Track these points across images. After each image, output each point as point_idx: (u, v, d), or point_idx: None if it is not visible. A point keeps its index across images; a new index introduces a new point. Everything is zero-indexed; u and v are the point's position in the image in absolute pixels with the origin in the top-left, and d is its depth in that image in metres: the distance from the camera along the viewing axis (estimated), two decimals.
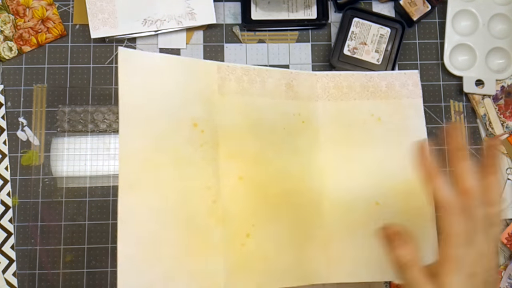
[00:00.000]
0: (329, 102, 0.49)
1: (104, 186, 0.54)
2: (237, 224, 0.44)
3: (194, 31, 0.57)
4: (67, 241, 0.53)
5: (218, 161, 0.44)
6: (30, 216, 0.53)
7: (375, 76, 0.50)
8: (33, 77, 0.55)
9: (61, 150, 0.54)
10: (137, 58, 0.43)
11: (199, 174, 0.43)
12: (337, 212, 0.47)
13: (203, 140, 0.44)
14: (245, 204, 0.44)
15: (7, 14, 0.56)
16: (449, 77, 0.57)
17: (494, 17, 0.57)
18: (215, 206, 0.43)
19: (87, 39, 0.56)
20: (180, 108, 0.43)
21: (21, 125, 0.54)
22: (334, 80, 0.50)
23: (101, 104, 0.55)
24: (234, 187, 0.44)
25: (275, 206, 0.46)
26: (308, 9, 0.57)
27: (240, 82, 0.46)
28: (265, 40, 0.57)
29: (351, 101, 0.49)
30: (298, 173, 0.47)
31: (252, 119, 0.46)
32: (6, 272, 0.52)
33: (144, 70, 0.43)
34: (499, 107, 0.56)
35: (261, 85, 0.47)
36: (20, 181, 0.53)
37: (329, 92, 0.49)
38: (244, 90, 0.46)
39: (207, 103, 0.45)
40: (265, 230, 0.44)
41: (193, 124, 0.43)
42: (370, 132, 0.48)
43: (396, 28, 0.55)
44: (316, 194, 0.47)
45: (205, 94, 0.45)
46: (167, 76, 0.43)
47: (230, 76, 0.46)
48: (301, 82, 0.48)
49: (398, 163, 0.48)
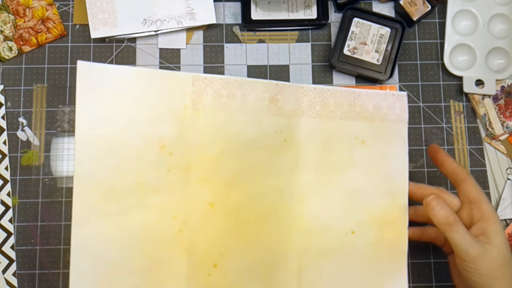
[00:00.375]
0: (313, 120, 0.45)
1: None
2: (204, 253, 0.41)
3: (194, 31, 0.57)
4: (67, 241, 0.53)
5: (188, 186, 0.41)
6: (30, 216, 0.53)
7: (363, 95, 0.46)
8: (33, 77, 0.55)
9: (61, 150, 0.54)
10: (99, 72, 0.39)
11: (164, 202, 0.40)
12: (311, 238, 0.44)
13: (171, 165, 0.40)
14: (214, 233, 0.42)
15: (7, 14, 0.56)
16: (449, 77, 0.57)
17: (494, 17, 0.57)
18: (180, 235, 0.41)
19: (87, 39, 0.56)
20: (146, 129, 0.40)
21: (21, 125, 0.54)
22: (322, 96, 0.45)
23: None
24: (203, 215, 0.42)
25: (247, 232, 0.43)
26: (308, 9, 0.57)
27: (218, 96, 0.42)
28: (265, 40, 0.57)
29: (337, 120, 0.45)
30: (274, 197, 0.44)
31: (230, 138, 0.43)
32: (6, 272, 0.52)
33: (106, 86, 0.39)
34: (499, 107, 0.56)
35: (242, 100, 0.43)
36: (20, 181, 0.53)
37: (315, 108, 0.45)
38: (222, 105, 0.42)
39: (178, 121, 0.41)
40: (234, 259, 0.42)
41: (160, 146, 0.40)
42: (352, 156, 0.45)
43: (396, 28, 0.55)
44: (290, 219, 0.45)
45: (176, 111, 0.41)
46: (132, 93, 0.40)
47: (207, 89, 0.42)
48: (286, 96, 0.44)
49: (377, 191, 0.45)
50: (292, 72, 0.57)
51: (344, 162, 0.45)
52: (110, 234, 0.39)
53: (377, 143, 0.46)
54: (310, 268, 0.44)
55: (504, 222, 0.55)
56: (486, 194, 0.55)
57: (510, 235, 0.54)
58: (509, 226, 0.54)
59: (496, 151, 0.56)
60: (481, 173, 0.56)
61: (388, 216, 0.45)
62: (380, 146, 0.46)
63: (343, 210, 0.45)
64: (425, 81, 0.57)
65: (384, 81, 0.55)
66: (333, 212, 0.45)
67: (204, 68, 0.56)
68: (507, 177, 0.56)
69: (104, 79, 0.39)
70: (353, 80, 0.57)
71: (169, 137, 0.41)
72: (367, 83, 0.56)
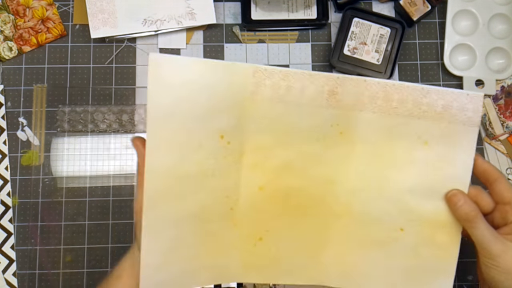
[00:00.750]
0: (374, 115, 0.44)
1: (104, 186, 0.54)
2: (250, 228, 0.45)
3: (194, 31, 0.57)
4: (67, 241, 0.53)
5: (241, 170, 0.44)
6: (30, 216, 0.53)
7: (433, 92, 0.43)
8: (33, 77, 0.55)
9: (61, 150, 0.54)
10: (169, 63, 0.40)
11: (220, 185, 0.43)
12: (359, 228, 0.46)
13: (227, 152, 0.43)
14: (261, 213, 0.45)
15: (7, 14, 0.56)
16: (449, 77, 0.57)
17: (494, 17, 0.57)
18: (231, 212, 0.45)
19: (87, 39, 0.56)
20: (208, 118, 0.42)
21: (21, 125, 0.54)
22: (385, 90, 0.43)
23: (101, 104, 0.55)
24: (253, 197, 0.45)
25: (292, 215, 0.46)
26: (308, 9, 0.57)
27: (276, 88, 0.43)
28: (265, 40, 0.57)
29: (399, 118, 0.44)
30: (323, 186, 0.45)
31: (284, 128, 0.44)
32: (6, 272, 0.52)
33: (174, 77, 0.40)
34: (499, 107, 0.56)
35: (300, 92, 0.43)
36: (20, 181, 0.53)
37: (376, 103, 0.43)
38: (280, 97, 0.43)
39: (237, 111, 0.42)
40: (278, 236, 0.46)
41: (219, 136, 0.42)
42: (412, 155, 0.44)
43: (396, 28, 0.55)
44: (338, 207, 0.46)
45: (236, 101, 0.42)
46: (198, 84, 0.41)
47: (266, 81, 0.42)
48: (347, 89, 0.43)
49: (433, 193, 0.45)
50: None
51: (402, 160, 0.45)
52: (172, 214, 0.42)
53: (441, 145, 0.44)
54: (355, 254, 0.46)
55: None
56: None
57: None
58: None
59: (496, 151, 0.56)
60: None
61: (441, 220, 0.44)
62: (445, 149, 0.44)
63: (395, 206, 0.45)
64: (425, 81, 0.57)
65: None
66: (384, 207, 0.45)
67: None
68: (507, 177, 0.56)
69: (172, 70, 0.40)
70: None
71: (228, 127, 0.42)
72: None
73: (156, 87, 0.40)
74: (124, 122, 0.54)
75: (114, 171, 0.54)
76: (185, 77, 0.40)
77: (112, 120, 0.54)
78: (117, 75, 0.56)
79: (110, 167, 0.54)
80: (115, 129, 0.54)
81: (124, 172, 0.54)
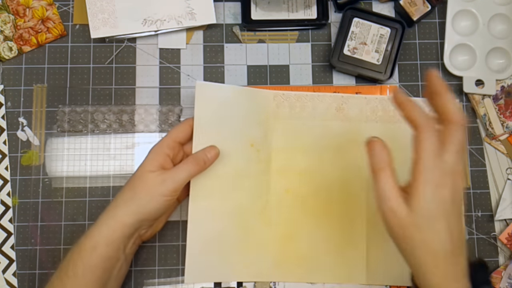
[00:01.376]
0: (377, 124, 0.54)
1: (104, 186, 0.54)
2: (281, 227, 0.52)
3: (194, 31, 0.57)
4: (67, 241, 0.53)
5: (269, 175, 0.52)
6: (30, 216, 0.53)
7: (419, 101, 0.52)
8: (33, 77, 0.55)
9: (61, 150, 0.54)
10: (211, 89, 0.50)
11: (253, 186, 0.51)
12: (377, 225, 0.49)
13: (258, 158, 0.52)
14: (289, 213, 0.52)
15: (7, 14, 0.56)
16: (449, 77, 0.57)
17: (494, 17, 0.57)
18: (264, 211, 0.52)
19: (87, 39, 0.56)
20: (242, 131, 0.51)
21: (21, 125, 0.54)
22: (382, 104, 0.54)
23: (101, 104, 0.55)
24: (280, 198, 0.52)
25: (318, 216, 0.52)
26: (308, 9, 0.57)
27: (293, 107, 0.53)
28: (265, 40, 0.57)
29: (397, 123, 0.53)
30: (343, 188, 0.53)
31: (303, 139, 0.53)
32: (6, 272, 0.52)
33: (215, 99, 0.50)
34: (499, 107, 0.56)
35: (312, 109, 0.54)
36: (20, 181, 0.53)
37: (377, 114, 0.54)
38: (296, 114, 0.53)
39: (263, 126, 0.52)
40: (306, 234, 0.52)
41: (250, 144, 0.51)
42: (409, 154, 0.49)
43: (396, 28, 0.55)
44: (358, 207, 0.52)
45: (262, 119, 0.52)
46: (232, 105, 0.51)
47: (284, 102, 0.53)
48: (351, 106, 0.54)
49: None
50: (292, 72, 0.57)
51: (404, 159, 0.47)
52: (215, 209, 0.50)
53: None
54: (378, 248, 0.52)
55: (504, 222, 0.55)
56: (486, 194, 0.55)
57: (510, 235, 0.54)
58: (509, 226, 0.54)
59: (496, 151, 0.56)
60: (481, 173, 0.56)
61: None
62: None
63: None
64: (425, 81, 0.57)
65: (384, 81, 0.55)
66: None
67: (204, 68, 0.56)
68: (507, 177, 0.56)
69: (213, 94, 0.50)
70: (353, 80, 0.57)
71: (257, 138, 0.52)
72: (367, 83, 0.56)
73: (201, 106, 0.49)
74: (124, 122, 0.54)
75: (114, 171, 0.54)
76: (222, 99, 0.50)
77: (112, 120, 0.54)
78: (117, 75, 0.56)
79: (110, 167, 0.54)
80: (115, 129, 0.54)
81: (124, 172, 0.54)
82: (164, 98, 0.55)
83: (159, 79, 0.56)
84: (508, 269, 0.53)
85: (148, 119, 0.55)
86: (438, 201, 0.36)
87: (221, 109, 0.50)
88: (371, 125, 0.54)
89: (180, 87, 0.56)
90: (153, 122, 0.54)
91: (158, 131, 0.54)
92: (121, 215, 0.45)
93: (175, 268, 0.53)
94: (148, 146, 0.48)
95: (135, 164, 0.54)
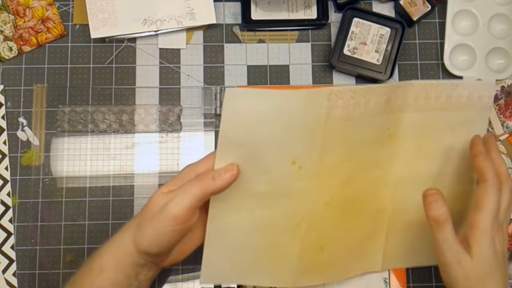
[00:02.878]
0: (415, 114, 0.47)
1: (104, 186, 0.54)
2: (315, 241, 0.48)
3: (194, 31, 0.57)
4: (67, 241, 0.53)
5: (310, 192, 0.45)
6: (30, 216, 0.53)
7: (460, 85, 0.47)
8: (33, 77, 0.55)
9: (61, 150, 0.54)
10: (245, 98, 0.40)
11: (289, 205, 0.45)
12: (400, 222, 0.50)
13: (299, 176, 0.44)
14: (326, 226, 0.48)
15: (7, 14, 0.56)
16: (449, 77, 0.57)
17: (494, 17, 0.57)
18: (297, 228, 0.46)
19: (87, 39, 0.56)
20: (281, 146, 0.43)
21: (21, 125, 0.54)
22: (426, 90, 0.46)
23: (101, 104, 0.55)
24: (320, 214, 0.47)
25: (348, 220, 0.49)
26: (308, 9, 0.57)
27: (346, 107, 0.43)
28: (265, 40, 0.57)
29: (435, 112, 0.47)
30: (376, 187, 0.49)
31: (352, 143, 0.46)
32: (6, 272, 0.52)
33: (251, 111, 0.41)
34: (499, 107, 0.56)
35: (364, 106, 0.44)
36: (20, 181, 0.53)
37: (418, 102, 0.47)
38: (349, 114, 0.44)
39: (311, 135, 0.43)
40: (336, 241, 0.49)
41: (291, 162, 0.43)
42: (443, 144, 0.49)
43: (396, 28, 0.55)
44: (384, 204, 0.50)
45: (310, 126, 0.43)
46: (271, 116, 0.41)
47: (338, 102, 0.43)
48: (398, 95, 0.46)
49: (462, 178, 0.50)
50: (292, 72, 0.57)
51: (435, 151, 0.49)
52: (239, 223, 0.45)
53: (465, 132, 0.48)
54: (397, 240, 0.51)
55: None
56: None
57: (510, 235, 0.54)
58: (509, 226, 0.54)
59: None
60: None
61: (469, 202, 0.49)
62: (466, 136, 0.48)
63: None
64: None
65: (384, 81, 0.55)
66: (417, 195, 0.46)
67: (204, 68, 0.56)
68: None
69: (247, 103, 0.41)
70: (353, 80, 0.57)
71: (301, 152, 0.43)
72: (367, 83, 0.56)
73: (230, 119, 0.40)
74: (124, 122, 0.54)
75: (114, 171, 0.54)
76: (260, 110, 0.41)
77: (112, 120, 0.54)
78: (117, 75, 0.56)
79: (110, 167, 0.54)
80: (115, 129, 0.54)
81: (124, 172, 0.54)
82: (164, 98, 0.55)
83: (159, 79, 0.56)
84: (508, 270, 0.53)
85: (148, 119, 0.55)
86: (494, 251, 0.40)
87: (257, 123, 0.41)
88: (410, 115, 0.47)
89: (180, 87, 0.56)
90: (153, 122, 0.55)
91: (158, 131, 0.55)
92: (128, 242, 0.41)
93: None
94: (148, 146, 0.48)
95: (135, 164, 0.54)
